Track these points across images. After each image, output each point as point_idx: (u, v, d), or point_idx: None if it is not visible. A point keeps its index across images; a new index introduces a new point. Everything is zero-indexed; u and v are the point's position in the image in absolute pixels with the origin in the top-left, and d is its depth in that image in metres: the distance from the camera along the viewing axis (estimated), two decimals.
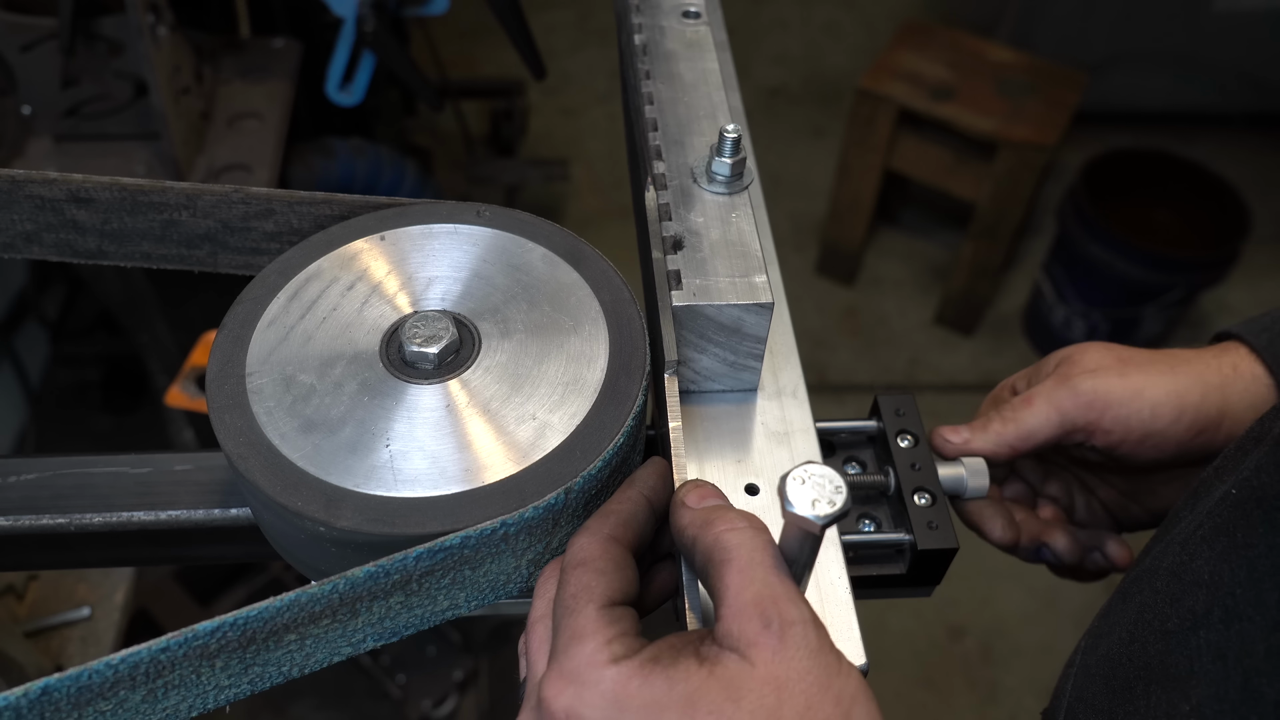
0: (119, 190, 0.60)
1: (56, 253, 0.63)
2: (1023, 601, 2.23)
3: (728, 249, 0.57)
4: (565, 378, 0.53)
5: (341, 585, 0.44)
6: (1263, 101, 3.10)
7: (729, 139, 0.59)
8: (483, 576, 0.48)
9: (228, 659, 0.44)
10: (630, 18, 0.73)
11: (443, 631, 1.92)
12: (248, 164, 1.63)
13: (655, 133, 0.64)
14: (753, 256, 0.57)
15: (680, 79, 0.68)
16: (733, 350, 0.57)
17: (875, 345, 2.75)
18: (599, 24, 3.61)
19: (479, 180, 2.78)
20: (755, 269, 0.56)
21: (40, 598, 1.21)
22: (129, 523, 0.59)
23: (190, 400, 1.40)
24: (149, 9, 1.43)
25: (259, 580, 1.91)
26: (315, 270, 0.58)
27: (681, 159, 0.62)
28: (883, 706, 0.40)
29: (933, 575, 0.62)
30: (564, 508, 0.48)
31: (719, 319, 0.55)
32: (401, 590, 0.46)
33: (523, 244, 0.60)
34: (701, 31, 0.72)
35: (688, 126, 0.64)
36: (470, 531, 0.45)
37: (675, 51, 0.71)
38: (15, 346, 2.24)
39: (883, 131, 2.49)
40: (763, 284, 0.55)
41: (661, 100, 0.66)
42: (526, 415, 0.52)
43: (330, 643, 0.47)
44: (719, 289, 0.55)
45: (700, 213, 0.59)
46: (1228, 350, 0.65)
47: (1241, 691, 0.43)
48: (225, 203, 0.60)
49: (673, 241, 0.57)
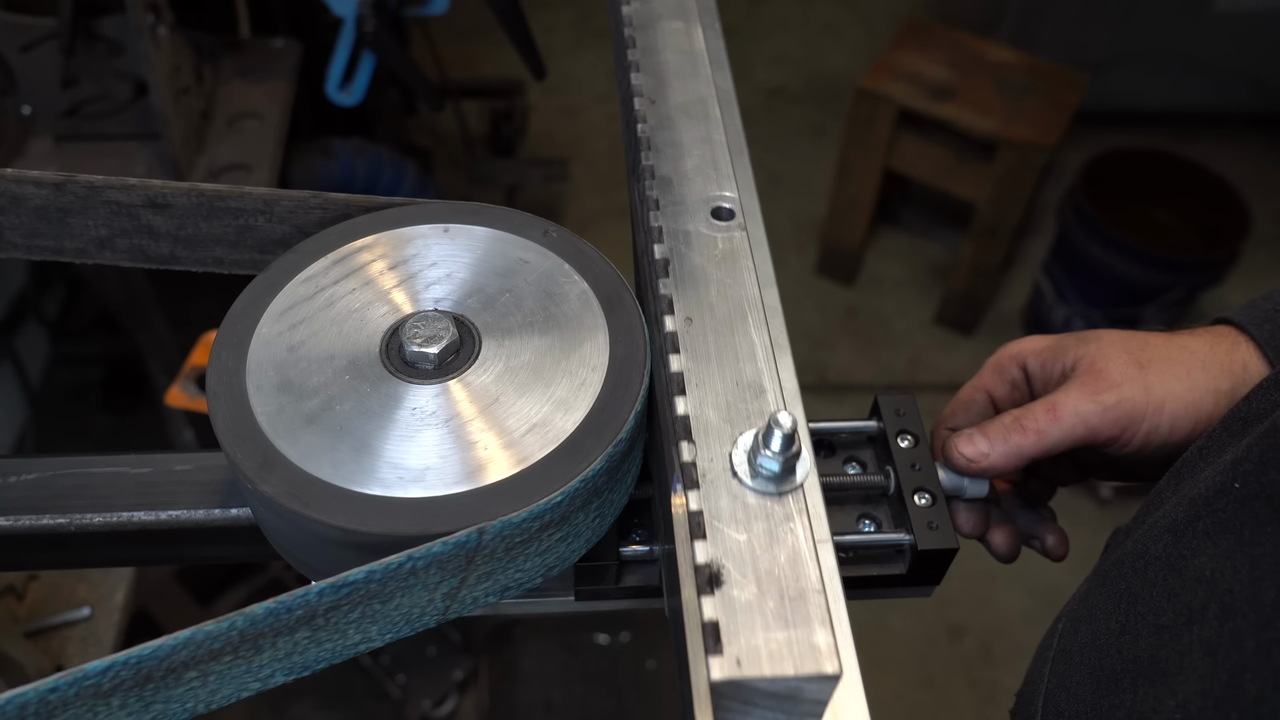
0: (196, 196, 0.60)
1: (129, 258, 0.63)
2: (1023, 601, 2.23)
3: (776, 585, 0.43)
4: (566, 375, 0.53)
5: (240, 622, 0.43)
6: (1263, 101, 3.10)
7: (780, 433, 0.46)
8: (394, 610, 0.47)
9: (124, 697, 0.43)
10: (649, 219, 0.58)
11: (443, 631, 1.92)
12: (248, 164, 1.63)
13: (683, 397, 0.50)
14: (811, 597, 0.43)
15: (712, 311, 0.53)
16: (786, 713, 0.44)
17: (875, 345, 2.75)
18: (599, 24, 3.61)
19: (479, 180, 2.78)
20: (816, 618, 0.42)
21: (40, 598, 1.21)
22: (129, 523, 0.59)
23: (190, 400, 1.40)
24: (149, 9, 1.43)
25: (259, 580, 1.91)
26: (306, 278, 0.58)
27: (714, 444, 0.48)
28: (883, 706, 0.40)
29: (933, 575, 0.62)
30: (478, 546, 0.47)
31: (770, 690, 0.42)
32: (307, 625, 0.45)
33: (513, 240, 0.60)
34: (736, 240, 0.58)
35: (725, 407, 0.50)
36: (375, 566, 0.44)
37: (704, 271, 0.56)
38: (15, 346, 2.24)
39: (883, 131, 2.49)
40: (827, 646, 0.42)
41: (694, 353, 0.51)
42: (529, 414, 0.52)
43: (235, 679, 0.46)
44: (770, 652, 0.41)
45: (741, 525, 0.46)
46: (1238, 346, 0.63)
47: (1226, 687, 0.42)
48: (302, 208, 0.60)
49: (708, 575, 0.44)
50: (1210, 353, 0.63)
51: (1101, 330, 0.66)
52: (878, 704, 0.41)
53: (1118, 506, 2.37)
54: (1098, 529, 2.36)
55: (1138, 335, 0.64)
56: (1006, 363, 0.69)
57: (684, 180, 0.60)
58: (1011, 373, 0.69)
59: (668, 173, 0.61)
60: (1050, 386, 0.66)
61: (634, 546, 0.60)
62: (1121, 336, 0.64)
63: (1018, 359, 0.68)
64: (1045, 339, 0.68)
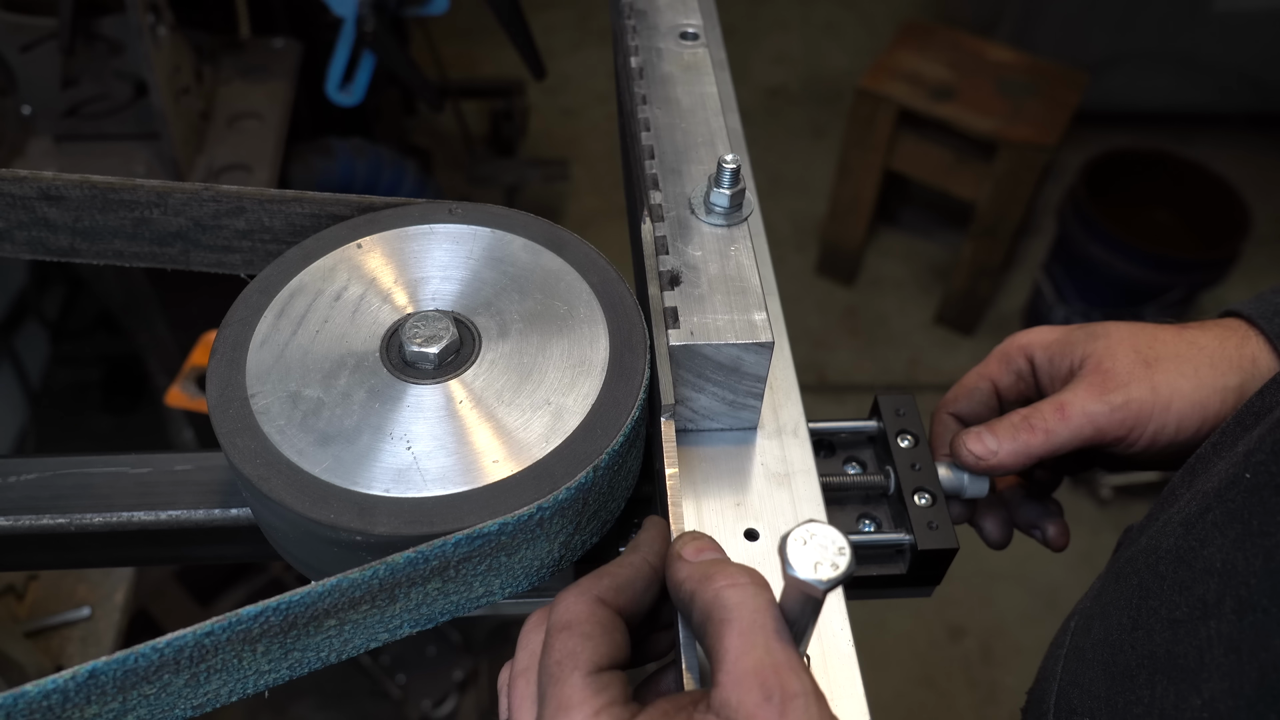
0: (89, 188, 0.60)
1: (29, 250, 0.63)
2: (1023, 601, 2.23)
3: (726, 284, 0.55)
4: (571, 361, 0.54)
5: (382, 570, 0.45)
6: (1263, 101, 3.10)
7: (728, 169, 0.57)
8: (518, 563, 0.49)
9: (269, 644, 0.45)
10: (626, 39, 0.71)
11: (443, 631, 1.92)
12: (248, 164, 1.63)
13: (652, 160, 0.62)
14: (752, 292, 0.55)
15: (678, 104, 0.66)
16: (731, 389, 0.55)
17: (875, 345, 2.75)
18: (599, 24, 3.61)
19: (479, 180, 2.78)
20: (754, 305, 0.54)
21: (40, 598, 1.21)
22: (129, 523, 0.59)
23: (190, 400, 1.40)
24: (149, 9, 1.43)
25: (259, 580, 1.91)
26: (298, 285, 0.57)
27: (679, 188, 0.60)
28: (883, 706, 0.40)
29: (933, 575, 0.62)
30: (593, 485, 0.49)
31: (717, 358, 0.53)
32: (439, 576, 0.47)
33: (503, 237, 0.60)
34: (699, 54, 0.70)
35: (685, 154, 0.63)
36: (508, 518, 0.46)
37: (672, 75, 0.69)
38: (15, 346, 2.24)
39: (883, 131, 2.49)
40: (762, 322, 0.53)
41: (658, 126, 0.64)
42: (540, 401, 0.52)
43: (368, 628, 0.48)
44: (717, 327, 0.53)
45: (698, 245, 0.57)
46: (1248, 340, 0.63)
47: (1258, 688, 0.42)
48: (196, 200, 0.61)
49: (669, 277, 0.55)
50: (1219, 348, 0.62)
51: (1110, 324, 0.65)
52: (878, 704, 0.41)
53: (1118, 506, 2.37)
54: (1098, 529, 2.36)
55: (1146, 330, 0.64)
56: (1014, 353, 0.69)
57: (656, 11, 0.74)
58: (1018, 363, 0.68)
59: (644, 6, 0.74)
60: (1057, 381, 0.66)
61: None
62: (1130, 333, 0.64)
63: (1025, 350, 0.68)
64: (1053, 331, 0.67)
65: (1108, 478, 2.32)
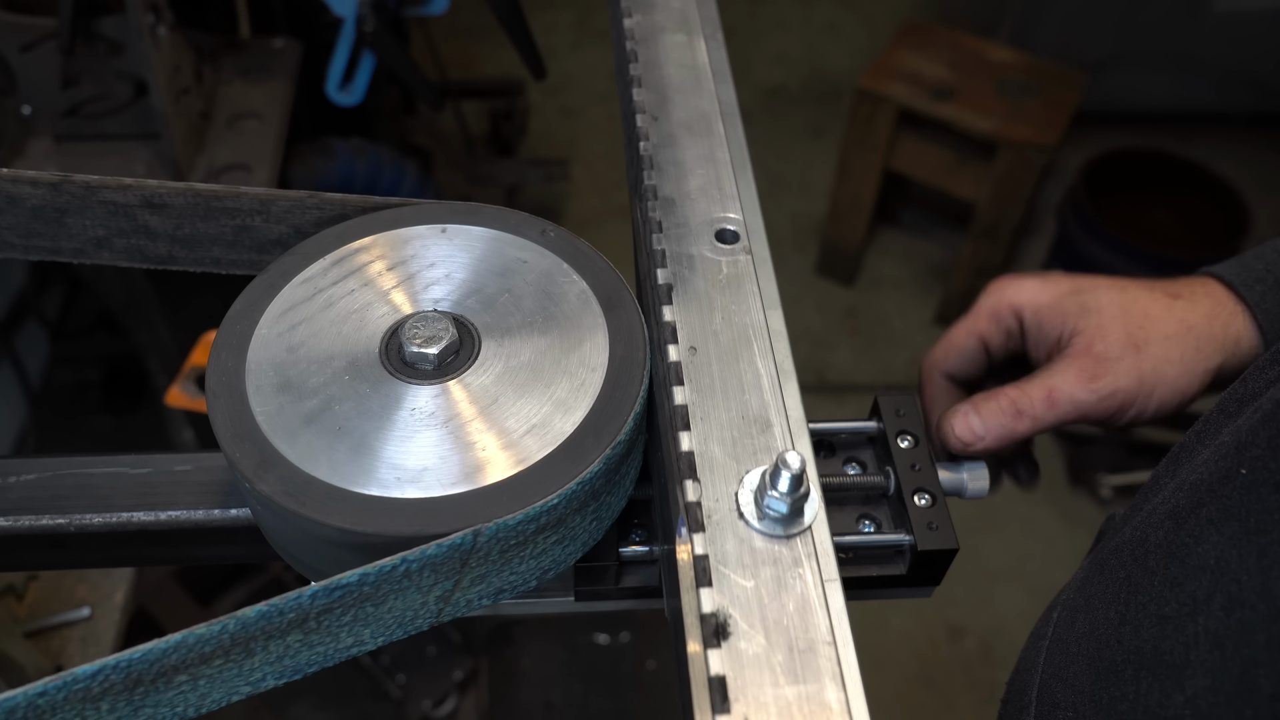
0: (193, 195, 0.59)
1: (125, 258, 0.63)
2: (1023, 601, 2.23)
3: (786, 638, 0.41)
4: (565, 375, 0.53)
5: (232, 625, 0.42)
6: (1263, 101, 3.10)
7: (788, 474, 0.44)
8: (387, 612, 0.47)
9: (114, 701, 0.42)
10: (651, 241, 0.56)
11: (443, 631, 1.92)
12: (248, 164, 1.63)
13: (687, 433, 0.48)
14: (821, 649, 0.41)
15: (716, 338, 0.52)
16: None
17: (875, 345, 2.75)
18: (599, 24, 3.61)
19: (479, 180, 2.78)
20: (826, 672, 0.41)
21: (40, 598, 1.21)
22: (129, 523, 0.59)
23: (190, 400, 1.40)
24: (149, 9, 1.43)
25: (259, 580, 1.91)
26: (298, 285, 0.58)
27: (719, 483, 0.47)
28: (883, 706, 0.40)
29: (933, 576, 0.62)
30: (473, 549, 0.46)
31: None
32: (299, 629, 0.45)
33: (504, 238, 0.60)
34: (741, 263, 0.56)
35: (729, 442, 0.48)
36: (369, 569, 0.44)
37: (708, 297, 0.55)
38: (15, 346, 2.24)
39: (883, 131, 2.49)
40: (839, 705, 0.40)
41: (697, 384, 0.50)
42: (528, 414, 0.52)
43: (226, 682, 0.45)
44: (779, 710, 0.40)
45: (748, 570, 0.44)
46: (1235, 318, 0.65)
47: (1238, 683, 0.42)
48: (299, 208, 0.60)
49: (714, 626, 0.41)
50: (1208, 328, 0.64)
51: (1101, 292, 0.67)
52: (878, 704, 0.41)
53: (1117, 506, 2.37)
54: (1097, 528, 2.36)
55: (1138, 305, 0.65)
56: (1004, 312, 0.71)
57: (687, 201, 0.59)
58: (1008, 322, 0.70)
59: (671, 193, 0.60)
60: (1044, 350, 0.68)
61: (634, 547, 0.60)
62: (1121, 309, 0.65)
63: (1015, 310, 0.70)
64: (1044, 290, 0.69)
65: (1108, 477, 2.32)
